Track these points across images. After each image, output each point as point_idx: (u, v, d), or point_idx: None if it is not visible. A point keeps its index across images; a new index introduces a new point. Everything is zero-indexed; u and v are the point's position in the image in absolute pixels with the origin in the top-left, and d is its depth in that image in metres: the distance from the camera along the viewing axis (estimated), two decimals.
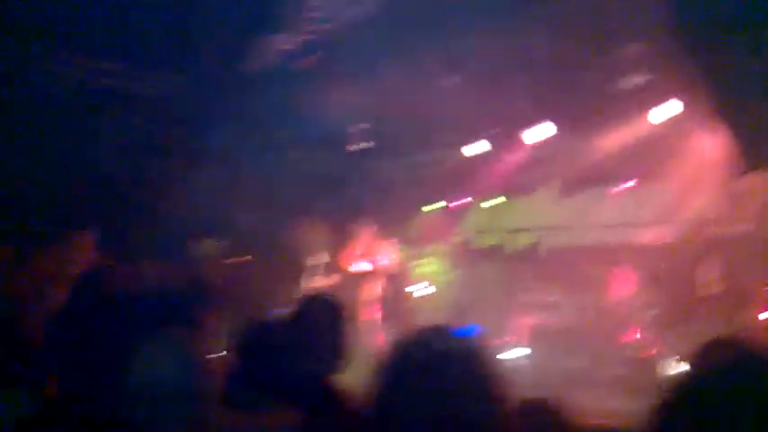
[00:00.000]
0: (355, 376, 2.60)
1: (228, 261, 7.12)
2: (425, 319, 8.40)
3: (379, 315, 7.83)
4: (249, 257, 7.52)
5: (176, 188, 8.58)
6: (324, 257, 8.41)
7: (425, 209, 10.84)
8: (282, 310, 7.96)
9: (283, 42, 7.71)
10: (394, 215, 9.82)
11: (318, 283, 8.21)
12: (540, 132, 8.63)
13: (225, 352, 3.67)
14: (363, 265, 8.05)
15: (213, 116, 8.96)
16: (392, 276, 7.89)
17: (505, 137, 9.16)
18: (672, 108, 7.52)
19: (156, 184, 8.68)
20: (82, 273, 3.96)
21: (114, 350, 2.64)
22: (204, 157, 8.84)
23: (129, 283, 4.16)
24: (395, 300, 7.80)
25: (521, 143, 9.14)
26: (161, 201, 8.55)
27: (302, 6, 7.29)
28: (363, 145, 9.39)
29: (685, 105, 7.35)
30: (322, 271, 8.27)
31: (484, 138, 9.27)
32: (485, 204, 10.81)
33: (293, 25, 7.44)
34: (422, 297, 9.59)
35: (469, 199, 10.77)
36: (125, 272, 5.76)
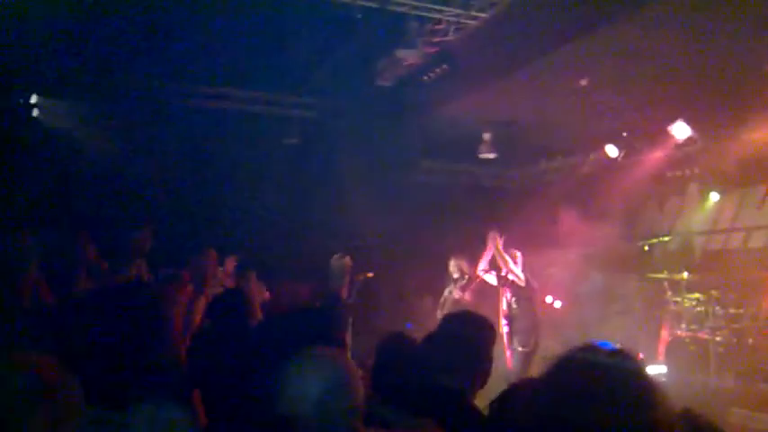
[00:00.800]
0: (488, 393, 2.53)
1: (358, 277, 7.20)
2: (557, 333, 8.10)
3: (507, 330, 7.58)
4: (372, 274, 7.56)
5: (309, 208, 8.89)
6: (456, 270, 8.30)
7: (560, 216, 10.49)
8: (414, 325, 8.00)
9: (411, 57, 7.76)
10: (527, 223, 9.59)
11: (450, 296, 8.10)
12: (679, 131, 8.10)
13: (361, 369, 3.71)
14: (494, 278, 7.84)
15: (352, 134, 9.22)
16: (524, 289, 7.60)
17: (642, 138, 8.69)
18: None
19: (291, 206, 9.01)
20: (224, 294, 4.13)
21: (259, 371, 2.71)
22: (337, 174, 9.10)
23: (270, 303, 4.32)
24: (525, 314, 7.51)
25: (662, 144, 8.64)
26: (295, 222, 8.89)
27: (427, 21, 7.32)
28: (490, 155, 9.25)
29: None
30: (454, 284, 8.16)
31: (617, 141, 8.84)
32: (627, 209, 10.31)
33: (419, 40, 7.47)
34: (554, 310, 9.28)
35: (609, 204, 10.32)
36: (266, 293, 6.03)
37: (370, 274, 8.19)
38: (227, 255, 6.76)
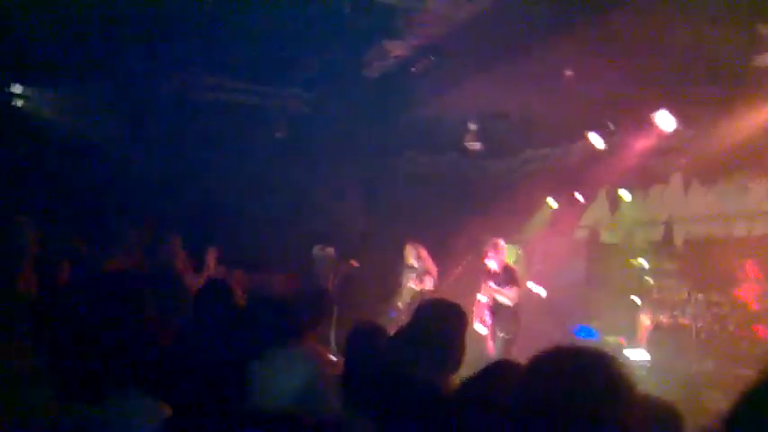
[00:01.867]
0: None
1: (340, 267, 7.13)
2: (541, 320, 8.08)
3: (490, 321, 7.54)
4: (356, 263, 7.48)
5: (293, 197, 8.79)
6: (412, 257, 8.20)
7: (546, 205, 10.48)
8: (393, 314, 7.92)
9: (398, 48, 7.67)
10: (508, 214, 9.56)
11: (429, 285, 8.01)
12: (665, 121, 8.06)
13: (336, 358, 3.65)
14: (475, 267, 7.81)
15: (333, 125, 9.12)
16: (504, 277, 7.57)
17: (629, 128, 8.64)
18: None
19: (273, 195, 8.91)
20: (207, 285, 4.06)
21: (237, 359, 2.64)
22: (320, 164, 9.01)
23: (251, 292, 4.24)
24: (508, 302, 7.48)
25: (646, 133, 8.60)
26: (278, 211, 8.79)
27: (414, 12, 7.22)
28: (479, 145, 9.18)
29: None
30: (432, 274, 8.06)
31: (601, 130, 8.79)
32: (609, 198, 10.31)
33: (407, 30, 7.38)
34: (538, 297, 9.26)
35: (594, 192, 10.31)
36: (246, 282, 5.94)
37: (354, 263, 8.13)
38: (208, 247, 6.60)
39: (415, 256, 8.01)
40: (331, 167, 9.26)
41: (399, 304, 8.00)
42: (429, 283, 7.96)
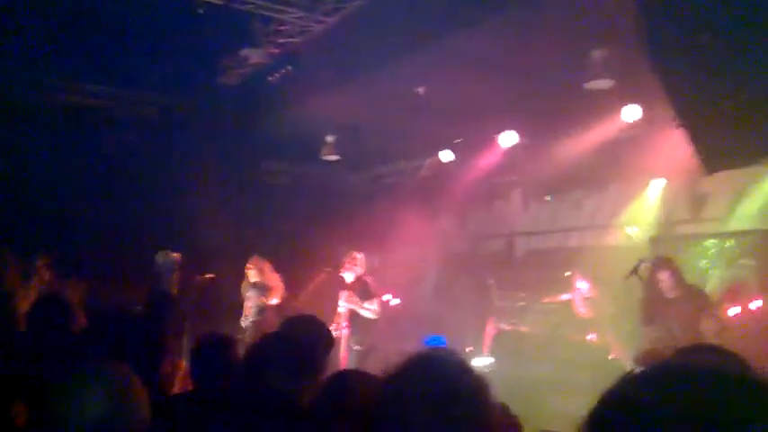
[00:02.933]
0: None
1: (195, 279, 6.78)
2: (393, 331, 8.15)
3: (347, 331, 7.48)
4: (212, 275, 7.15)
5: (143, 204, 8.30)
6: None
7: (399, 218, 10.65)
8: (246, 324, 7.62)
9: (255, 57, 7.49)
10: (364, 226, 9.61)
11: (274, 300, 7.80)
12: (506, 140, 8.48)
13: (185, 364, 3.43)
14: (330, 278, 7.72)
15: (188, 132, 8.74)
16: (359, 288, 7.55)
17: (474, 145, 9.00)
18: (633, 113, 7.38)
19: (122, 201, 8.36)
20: (41, 301, 3.70)
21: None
22: (172, 169, 8.59)
23: (85, 303, 3.89)
24: (362, 311, 7.46)
25: (491, 151, 9.00)
26: (125, 218, 8.26)
27: (272, 21, 7.09)
28: (333, 156, 9.17)
29: (647, 110, 7.22)
30: (277, 289, 7.85)
31: (451, 146, 9.11)
32: (457, 212, 10.66)
33: (264, 40, 7.23)
34: (392, 308, 9.38)
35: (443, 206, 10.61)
36: (81, 291, 5.47)
37: (211, 275, 7.77)
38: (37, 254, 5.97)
39: (256, 272, 7.73)
40: (185, 175, 8.82)
41: (249, 319, 7.71)
42: (275, 299, 7.73)
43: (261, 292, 7.67)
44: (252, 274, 7.72)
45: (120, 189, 8.49)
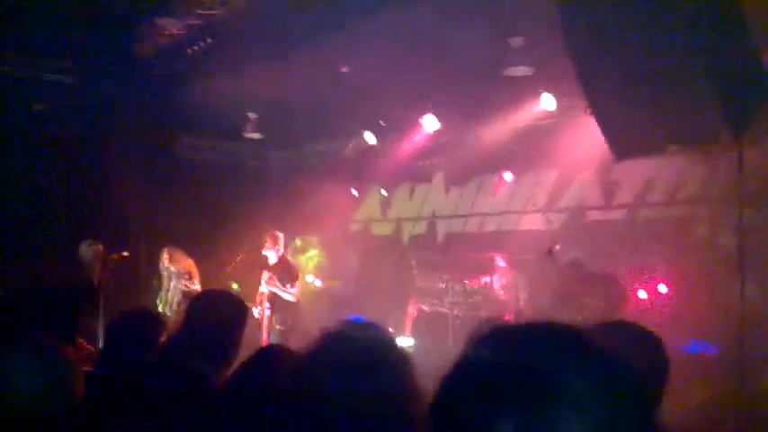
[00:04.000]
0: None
1: (111, 258, 6.48)
2: (314, 312, 8.07)
3: (269, 312, 7.34)
4: (126, 254, 6.86)
5: (52, 180, 7.88)
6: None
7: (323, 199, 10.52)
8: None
9: (173, 27, 7.15)
10: (286, 206, 9.44)
11: (196, 285, 7.55)
12: (429, 123, 8.46)
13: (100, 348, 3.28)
14: (251, 257, 7.54)
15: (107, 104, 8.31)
16: (280, 269, 7.41)
17: (397, 128, 8.95)
18: (549, 101, 7.49)
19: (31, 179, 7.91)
20: None
21: None
22: (86, 143, 8.17)
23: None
24: (285, 294, 7.33)
25: (413, 134, 8.98)
26: (35, 197, 7.83)
27: None
28: (255, 134, 8.92)
29: (562, 98, 7.33)
30: (193, 274, 7.62)
31: (375, 129, 9.03)
32: (379, 194, 10.61)
33: (183, 10, 6.90)
34: (312, 289, 9.29)
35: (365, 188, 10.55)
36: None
37: (126, 254, 7.45)
38: None
39: (167, 259, 7.47)
40: (100, 149, 8.41)
41: (173, 307, 7.43)
42: (196, 283, 7.47)
43: (182, 278, 7.43)
44: (164, 261, 7.48)
45: (30, 161, 8.03)
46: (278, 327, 7.26)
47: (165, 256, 7.46)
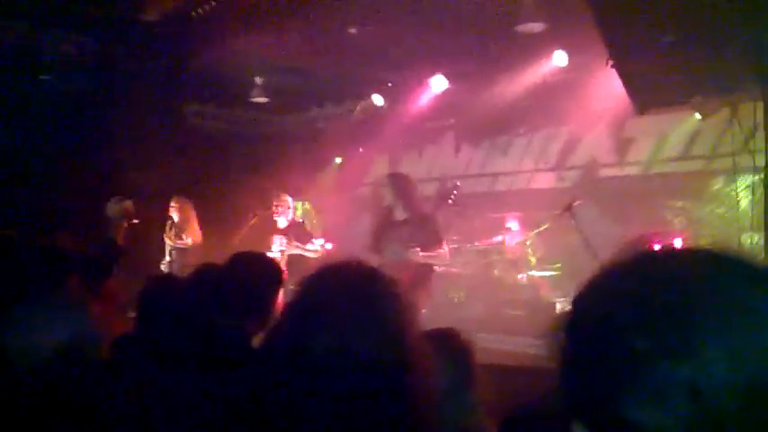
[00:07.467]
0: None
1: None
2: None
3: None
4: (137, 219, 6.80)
5: (62, 149, 7.75)
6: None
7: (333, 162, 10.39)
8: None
9: None
10: (295, 170, 9.30)
11: (188, 241, 7.51)
12: (438, 83, 8.26)
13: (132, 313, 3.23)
14: (262, 222, 7.46)
15: (108, 72, 8.12)
16: (295, 230, 7.33)
17: (407, 89, 8.75)
18: (561, 58, 7.27)
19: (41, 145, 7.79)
20: None
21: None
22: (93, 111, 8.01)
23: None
24: (298, 256, 7.25)
25: (422, 94, 8.78)
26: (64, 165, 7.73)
27: None
28: (261, 99, 8.73)
29: (574, 54, 7.12)
30: (194, 230, 7.58)
31: (385, 90, 8.83)
32: (390, 155, 10.45)
33: None
34: (326, 252, 9.18)
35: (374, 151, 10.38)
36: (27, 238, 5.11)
37: (136, 221, 7.38)
38: None
39: (176, 211, 7.47)
40: (107, 117, 8.26)
41: (164, 261, 7.47)
42: (189, 240, 7.47)
43: (175, 233, 7.45)
44: (174, 214, 7.50)
45: (39, 132, 7.91)
46: (291, 287, 7.22)
47: (174, 205, 7.47)
